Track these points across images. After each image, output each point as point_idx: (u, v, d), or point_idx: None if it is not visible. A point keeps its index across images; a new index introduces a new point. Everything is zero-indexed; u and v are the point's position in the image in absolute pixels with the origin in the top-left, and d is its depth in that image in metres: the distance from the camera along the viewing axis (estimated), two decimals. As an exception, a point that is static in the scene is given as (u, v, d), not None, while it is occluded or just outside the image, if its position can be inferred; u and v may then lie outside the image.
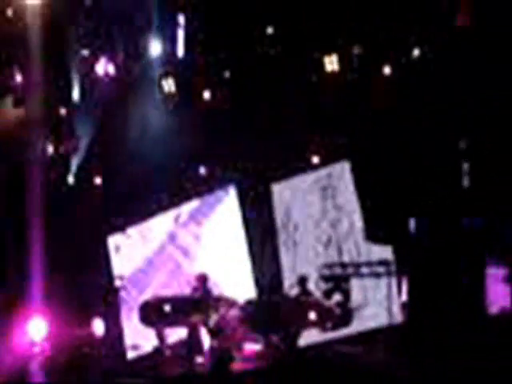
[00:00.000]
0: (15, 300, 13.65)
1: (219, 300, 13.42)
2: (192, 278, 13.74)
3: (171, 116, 15.05)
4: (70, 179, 15.30)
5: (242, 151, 14.89)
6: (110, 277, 15.30)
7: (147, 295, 14.81)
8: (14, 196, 14.62)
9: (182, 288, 14.49)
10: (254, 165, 15.13)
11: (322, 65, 14.00)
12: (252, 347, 13.31)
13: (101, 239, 15.51)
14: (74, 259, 14.86)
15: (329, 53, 13.90)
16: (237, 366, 12.42)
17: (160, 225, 15.78)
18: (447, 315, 10.72)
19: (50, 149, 15.03)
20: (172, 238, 15.71)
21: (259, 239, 15.19)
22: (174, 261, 15.56)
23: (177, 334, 14.06)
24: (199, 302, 13.35)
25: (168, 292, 14.56)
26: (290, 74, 14.24)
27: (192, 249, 15.60)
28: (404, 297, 12.91)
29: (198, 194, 15.54)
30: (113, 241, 15.90)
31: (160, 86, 14.90)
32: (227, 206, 15.36)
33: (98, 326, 13.81)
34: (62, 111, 14.98)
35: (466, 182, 11.41)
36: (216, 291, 13.70)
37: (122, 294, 15.07)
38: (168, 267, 15.54)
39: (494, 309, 11.60)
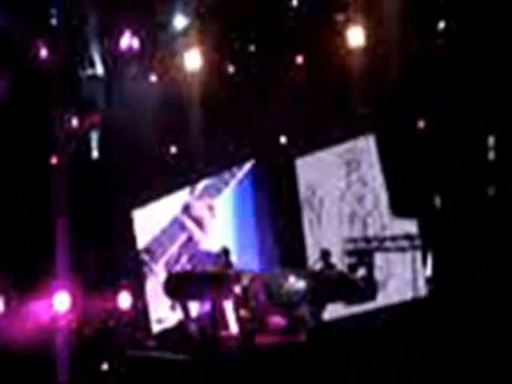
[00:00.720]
0: (41, 274, 13.75)
1: (241, 273, 13.46)
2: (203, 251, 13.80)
3: (194, 90, 15.03)
4: (94, 153, 15.34)
5: (265, 126, 14.86)
6: (135, 250, 15.37)
7: (160, 266, 14.85)
8: (39, 171, 14.69)
9: (193, 260, 14.55)
10: (277, 139, 15.14)
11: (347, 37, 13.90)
12: (276, 320, 13.34)
13: (126, 213, 15.56)
14: (99, 233, 14.95)
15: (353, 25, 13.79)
16: (262, 338, 12.48)
17: (178, 198, 15.84)
18: (473, 288, 10.68)
19: (75, 122, 15.07)
20: (186, 209, 15.75)
21: (282, 214, 15.20)
22: (188, 232, 15.58)
23: (201, 308, 14.16)
24: (222, 275, 13.39)
25: (179, 264, 14.61)
26: (315, 45, 14.16)
27: (206, 221, 15.64)
28: (429, 271, 12.89)
29: (219, 169, 15.56)
30: (137, 215, 15.96)
31: (184, 60, 14.87)
32: (250, 181, 15.38)
33: (125, 300, 13.90)
34: (86, 85, 15.01)
35: (491, 155, 11.33)
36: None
37: (148, 267, 15.14)
38: (181, 238, 15.56)
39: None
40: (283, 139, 15.23)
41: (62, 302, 13.28)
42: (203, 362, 11.51)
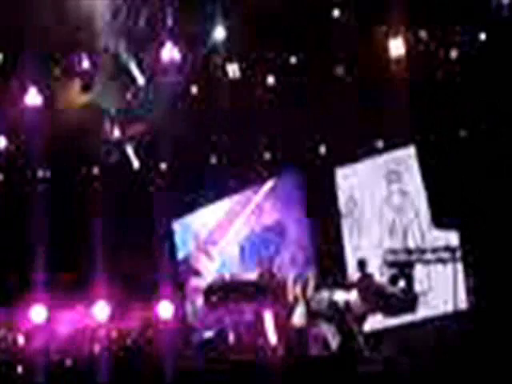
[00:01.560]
0: (81, 283, 13.84)
1: (285, 284, 13.43)
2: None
3: (235, 101, 15.06)
4: (135, 163, 15.42)
5: (307, 135, 14.87)
6: (175, 260, 15.43)
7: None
8: (78, 179, 14.79)
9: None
10: (319, 149, 15.12)
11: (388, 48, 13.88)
12: (317, 332, 13.29)
13: (166, 223, 15.63)
14: (139, 242, 15.01)
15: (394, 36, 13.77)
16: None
17: (222, 209, 15.87)
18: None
19: (117, 133, 15.16)
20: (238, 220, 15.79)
21: (323, 224, 15.17)
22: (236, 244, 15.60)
23: (240, 319, 14.14)
24: (265, 286, 13.37)
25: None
26: (355, 56, 14.14)
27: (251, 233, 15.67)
28: (470, 283, 12.78)
29: (263, 179, 15.58)
30: (177, 225, 16.03)
31: (224, 71, 14.92)
32: (291, 190, 15.37)
33: (165, 309, 13.92)
34: (128, 96, 15.10)
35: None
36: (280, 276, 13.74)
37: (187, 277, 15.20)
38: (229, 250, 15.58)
39: None
40: (323, 149, 15.21)
41: (102, 310, 13.36)
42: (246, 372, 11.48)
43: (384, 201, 14.79)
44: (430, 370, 9.78)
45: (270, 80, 14.97)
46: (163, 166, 15.32)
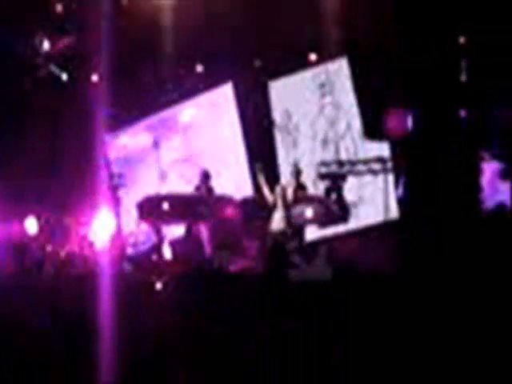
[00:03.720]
0: (15, 195, 13.74)
1: (221, 198, 13.50)
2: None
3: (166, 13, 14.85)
4: (64, 76, 15.15)
5: (239, 49, 14.76)
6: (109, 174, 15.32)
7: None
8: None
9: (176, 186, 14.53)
10: (251, 62, 15.05)
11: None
12: (251, 244, 13.43)
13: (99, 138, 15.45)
14: (73, 157, 14.83)
15: None
16: (238, 265, 12.58)
17: (158, 123, 15.77)
18: (442, 210, 10.77)
19: (46, 46, 14.87)
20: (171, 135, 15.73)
21: (257, 137, 15.20)
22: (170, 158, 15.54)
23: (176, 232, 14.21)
24: (200, 199, 13.41)
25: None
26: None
27: (188, 147, 15.64)
28: (400, 193, 12.99)
29: (195, 92, 15.49)
30: (111, 139, 15.92)
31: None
32: (224, 104, 15.33)
33: (105, 224, 13.79)
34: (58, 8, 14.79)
35: (463, 77, 11.31)
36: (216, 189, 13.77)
37: (121, 191, 15.11)
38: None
39: (489, 203, 11.68)
40: (257, 62, 15.15)
41: (32, 225, 13.36)
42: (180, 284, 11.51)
43: (317, 113, 14.86)
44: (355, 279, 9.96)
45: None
46: (95, 77, 15.10)
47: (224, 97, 15.32)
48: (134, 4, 14.64)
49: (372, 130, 13.17)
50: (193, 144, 15.67)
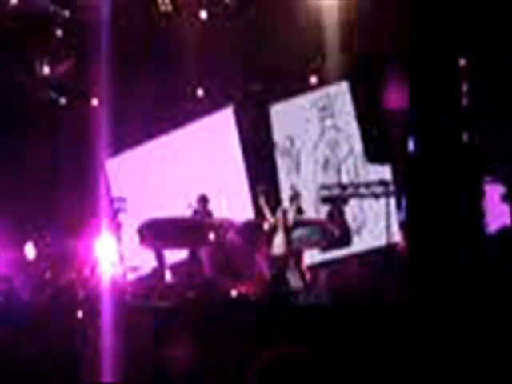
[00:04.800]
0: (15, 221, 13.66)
1: (221, 222, 13.42)
2: (187, 201, 13.70)
3: (168, 37, 14.84)
4: (62, 100, 15.12)
5: (240, 72, 14.75)
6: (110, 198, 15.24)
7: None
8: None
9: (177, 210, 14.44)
10: (252, 86, 15.03)
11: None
12: (252, 269, 13.34)
13: (99, 162, 15.41)
14: (73, 180, 14.75)
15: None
16: (239, 289, 12.46)
17: (159, 147, 15.72)
18: (445, 233, 10.67)
19: (46, 70, 14.86)
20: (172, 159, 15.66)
21: (258, 161, 15.15)
22: (171, 182, 15.49)
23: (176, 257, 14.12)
24: (200, 223, 13.34)
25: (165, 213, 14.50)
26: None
27: (188, 170, 15.56)
28: (403, 217, 12.91)
29: (196, 116, 15.44)
30: (111, 164, 15.86)
31: (156, 5, 14.66)
32: (225, 128, 15.28)
33: (106, 248, 13.72)
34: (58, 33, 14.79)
35: (464, 101, 11.26)
36: (216, 213, 13.69)
37: (122, 216, 15.03)
38: (164, 189, 15.47)
39: (492, 226, 11.56)
40: (258, 86, 15.12)
41: (30, 250, 13.26)
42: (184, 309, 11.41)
43: (318, 137, 14.82)
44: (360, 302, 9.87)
45: (203, 15, 14.78)
46: (94, 102, 15.07)
47: (225, 120, 15.28)
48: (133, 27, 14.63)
49: (374, 153, 13.09)
50: (193, 167, 15.61)
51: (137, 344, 9.67)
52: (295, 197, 13.11)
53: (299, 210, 13.15)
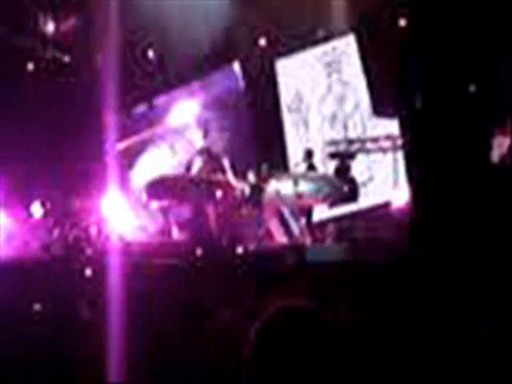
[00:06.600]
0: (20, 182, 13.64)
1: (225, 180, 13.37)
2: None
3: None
4: (66, 59, 14.98)
5: (246, 28, 14.61)
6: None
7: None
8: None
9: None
10: (258, 41, 14.88)
11: None
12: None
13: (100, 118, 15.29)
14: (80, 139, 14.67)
15: None
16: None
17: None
18: (453, 188, 10.62)
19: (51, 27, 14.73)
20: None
21: (265, 118, 15.06)
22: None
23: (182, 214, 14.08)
24: (205, 180, 13.27)
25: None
26: None
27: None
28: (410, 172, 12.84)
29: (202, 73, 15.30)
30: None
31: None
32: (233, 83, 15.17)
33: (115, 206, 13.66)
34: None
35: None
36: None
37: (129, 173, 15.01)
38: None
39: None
40: (262, 41, 14.97)
41: (37, 210, 13.24)
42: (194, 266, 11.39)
43: (325, 92, 14.71)
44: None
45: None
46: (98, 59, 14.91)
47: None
48: None
49: (381, 107, 13.03)
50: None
51: (145, 304, 9.67)
52: (309, 154, 13.10)
53: (312, 167, 13.13)
